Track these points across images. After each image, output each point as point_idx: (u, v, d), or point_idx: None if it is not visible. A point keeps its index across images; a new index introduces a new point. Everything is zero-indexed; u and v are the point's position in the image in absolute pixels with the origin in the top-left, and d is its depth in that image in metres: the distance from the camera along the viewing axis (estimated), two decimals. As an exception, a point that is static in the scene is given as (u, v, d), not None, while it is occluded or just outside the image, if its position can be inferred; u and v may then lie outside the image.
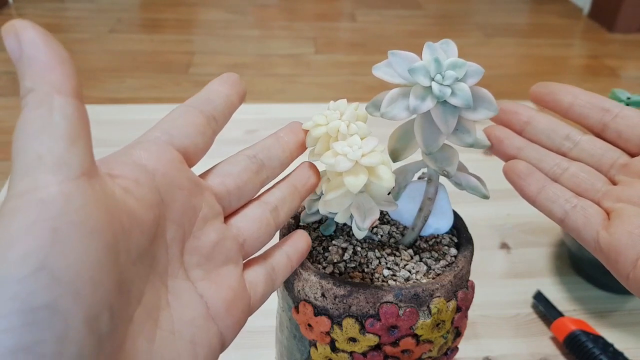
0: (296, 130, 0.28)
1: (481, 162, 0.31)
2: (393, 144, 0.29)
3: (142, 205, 0.20)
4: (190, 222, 0.22)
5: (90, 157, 0.17)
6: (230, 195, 0.25)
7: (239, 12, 1.63)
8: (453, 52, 0.25)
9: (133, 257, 0.19)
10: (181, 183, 0.22)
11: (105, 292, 0.17)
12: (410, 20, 1.63)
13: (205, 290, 0.23)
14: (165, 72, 1.19)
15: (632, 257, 0.24)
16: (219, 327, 0.23)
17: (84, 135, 0.17)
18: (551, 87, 0.29)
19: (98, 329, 0.16)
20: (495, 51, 1.45)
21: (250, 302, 0.25)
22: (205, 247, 0.23)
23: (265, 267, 0.26)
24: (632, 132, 0.28)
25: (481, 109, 0.26)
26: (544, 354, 0.46)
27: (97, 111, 0.78)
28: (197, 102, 0.24)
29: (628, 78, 1.32)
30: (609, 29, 1.60)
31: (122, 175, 0.20)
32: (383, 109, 0.25)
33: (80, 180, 0.16)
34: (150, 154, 0.21)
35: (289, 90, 1.19)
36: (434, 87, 0.24)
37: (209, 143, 0.24)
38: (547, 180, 0.28)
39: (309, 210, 0.31)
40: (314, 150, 0.28)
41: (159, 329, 0.20)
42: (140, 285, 0.19)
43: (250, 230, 0.25)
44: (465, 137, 0.27)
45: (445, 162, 0.27)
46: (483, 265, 0.54)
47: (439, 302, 0.28)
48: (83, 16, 1.54)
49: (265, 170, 0.26)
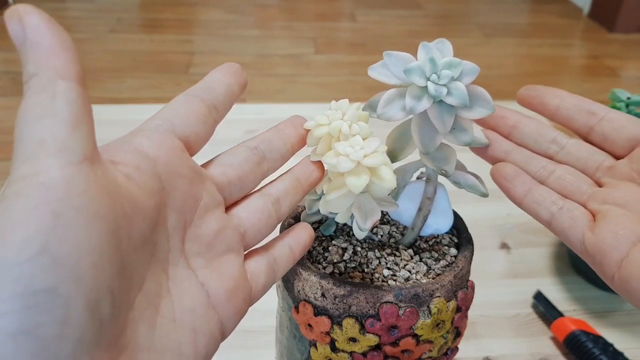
0: (297, 124, 0.28)
1: (480, 161, 0.31)
2: (390, 144, 0.29)
3: (144, 192, 0.20)
4: (192, 210, 0.23)
5: (92, 143, 0.17)
6: (231, 185, 0.25)
7: (239, 12, 1.63)
8: (448, 51, 0.25)
9: (135, 244, 0.19)
10: (182, 171, 0.22)
11: (107, 278, 0.17)
12: (410, 20, 1.63)
13: (206, 279, 0.23)
14: (165, 72, 1.19)
15: (616, 257, 0.24)
16: (220, 316, 0.23)
17: (87, 120, 0.17)
18: (538, 90, 0.30)
19: (99, 314, 0.16)
20: (495, 51, 1.45)
21: (251, 292, 0.25)
22: (206, 236, 0.23)
23: (267, 258, 0.26)
24: (617, 135, 0.28)
25: (477, 108, 0.26)
26: (544, 354, 0.46)
27: (97, 111, 0.77)
28: (198, 91, 0.24)
29: (628, 78, 1.32)
30: (609, 29, 1.60)
31: (123, 162, 0.20)
32: (379, 110, 0.25)
33: (82, 165, 0.16)
34: (152, 142, 0.21)
35: (289, 90, 1.19)
36: (429, 87, 0.24)
37: (209, 132, 0.24)
38: (533, 183, 0.28)
39: (310, 210, 0.31)
40: (316, 150, 0.28)
41: (160, 316, 0.20)
42: (141, 272, 0.20)
43: (252, 221, 0.25)
44: (463, 136, 0.27)
45: (443, 161, 0.28)
46: (483, 265, 0.54)
47: (439, 302, 0.28)
48: (83, 16, 1.54)
49: (267, 162, 0.26)
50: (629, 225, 0.24)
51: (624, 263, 0.24)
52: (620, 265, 0.24)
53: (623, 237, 0.24)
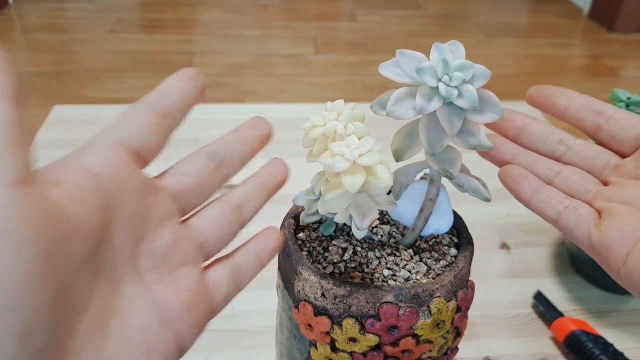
0: (256, 125, 0.28)
1: (482, 163, 0.31)
2: (397, 143, 0.29)
3: (86, 210, 0.19)
4: (143, 224, 0.22)
5: (26, 165, 0.16)
6: (188, 193, 0.24)
7: (239, 12, 1.63)
8: (460, 53, 0.25)
9: (75, 265, 0.18)
10: (131, 185, 0.21)
11: (41, 304, 0.16)
12: (410, 20, 1.63)
13: (161, 294, 0.22)
14: (165, 72, 1.19)
15: (622, 253, 0.24)
16: (177, 331, 0.22)
17: (21, 142, 0.16)
18: (547, 90, 0.30)
19: (33, 344, 0.16)
20: (495, 51, 1.45)
21: (212, 303, 0.24)
22: (160, 249, 0.22)
23: (230, 266, 0.25)
24: (624, 134, 0.28)
25: (487, 112, 0.26)
26: (544, 354, 0.46)
27: (97, 111, 0.78)
28: (150, 99, 0.24)
29: (628, 78, 1.32)
30: (609, 29, 1.60)
31: (65, 181, 0.19)
32: (389, 107, 0.25)
33: (13, 188, 0.16)
34: (97, 157, 0.21)
35: (289, 90, 1.19)
36: (440, 88, 0.24)
37: (162, 141, 0.24)
38: (540, 183, 0.29)
39: (308, 211, 0.31)
40: (312, 151, 0.28)
41: (109, 337, 0.20)
42: (85, 292, 0.19)
43: (210, 229, 0.25)
44: (470, 139, 0.27)
45: (448, 163, 0.27)
46: (483, 265, 0.54)
47: (439, 302, 0.28)
48: (83, 16, 1.54)
49: (226, 166, 0.26)
50: (634, 222, 0.25)
51: (629, 258, 0.24)
52: (626, 260, 0.24)
53: (628, 232, 0.24)
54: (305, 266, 0.29)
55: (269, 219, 0.28)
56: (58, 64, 1.29)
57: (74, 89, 1.21)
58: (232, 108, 0.83)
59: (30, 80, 1.22)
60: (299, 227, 0.33)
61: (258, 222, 0.27)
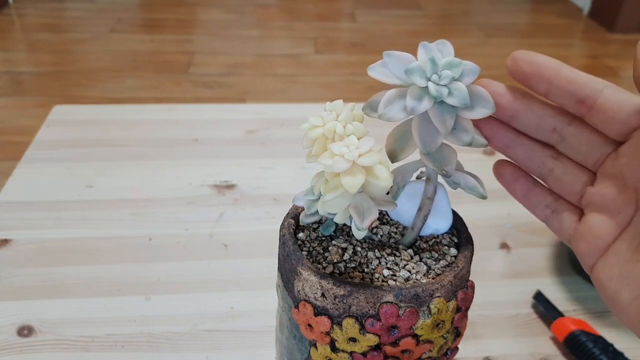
0: None
1: (480, 162, 0.31)
2: (391, 144, 0.29)
3: None
4: None
5: None
6: None
7: (239, 12, 1.63)
8: (449, 51, 0.25)
9: None
10: None
11: None
12: (410, 20, 1.63)
13: None
14: (165, 72, 1.19)
15: (588, 264, 0.27)
16: None
17: None
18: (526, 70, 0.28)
19: None
20: (495, 51, 1.45)
21: None
22: None
23: None
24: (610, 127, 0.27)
25: (478, 108, 0.26)
26: (544, 354, 0.46)
27: (97, 111, 0.78)
28: None
29: (628, 78, 1.32)
30: (609, 29, 1.60)
31: None
32: (380, 110, 0.25)
33: None
34: None
35: (289, 90, 1.19)
36: (430, 88, 0.24)
37: None
38: (530, 185, 0.30)
39: (308, 211, 0.31)
40: (311, 152, 0.28)
41: None
42: None
43: None
44: (463, 136, 0.27)
45: (443, 161, 0.28)
46: (483, 265, 0.54)
47: (439, 302, 0.28)
48: (83, 16, 1.54)
49: None
50: (600, 234, 0.26)
51: (592, 270, 0.27)
52: (591, 272, 0.27)
53: (594, 246, 0.27)
54: (305, 266, 0.29)
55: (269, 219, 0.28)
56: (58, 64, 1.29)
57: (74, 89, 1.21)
58: (232, 108, 0.83)
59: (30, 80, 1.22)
60: (299, 227, 0.33)
61: (258, 222, 0.27)
